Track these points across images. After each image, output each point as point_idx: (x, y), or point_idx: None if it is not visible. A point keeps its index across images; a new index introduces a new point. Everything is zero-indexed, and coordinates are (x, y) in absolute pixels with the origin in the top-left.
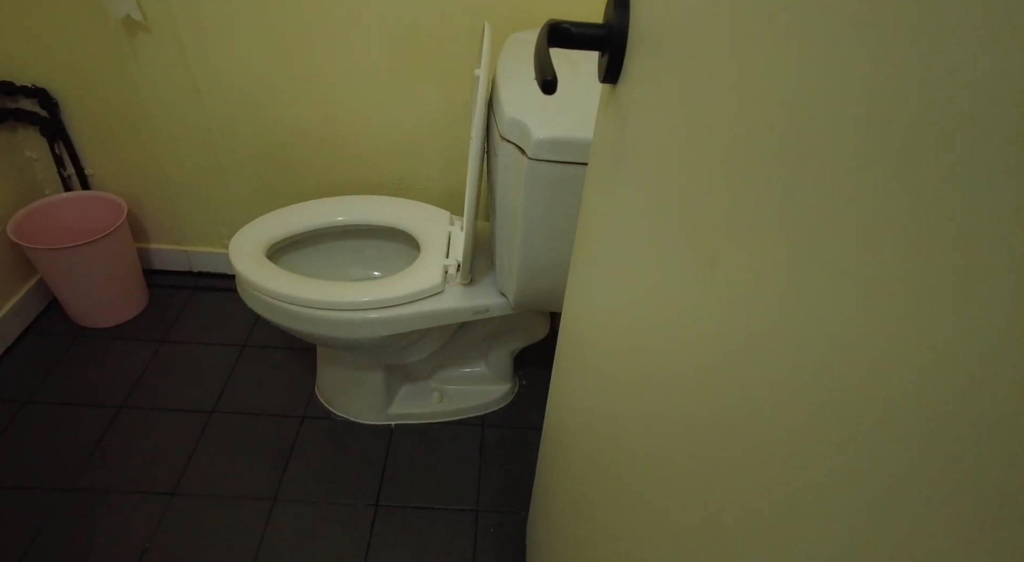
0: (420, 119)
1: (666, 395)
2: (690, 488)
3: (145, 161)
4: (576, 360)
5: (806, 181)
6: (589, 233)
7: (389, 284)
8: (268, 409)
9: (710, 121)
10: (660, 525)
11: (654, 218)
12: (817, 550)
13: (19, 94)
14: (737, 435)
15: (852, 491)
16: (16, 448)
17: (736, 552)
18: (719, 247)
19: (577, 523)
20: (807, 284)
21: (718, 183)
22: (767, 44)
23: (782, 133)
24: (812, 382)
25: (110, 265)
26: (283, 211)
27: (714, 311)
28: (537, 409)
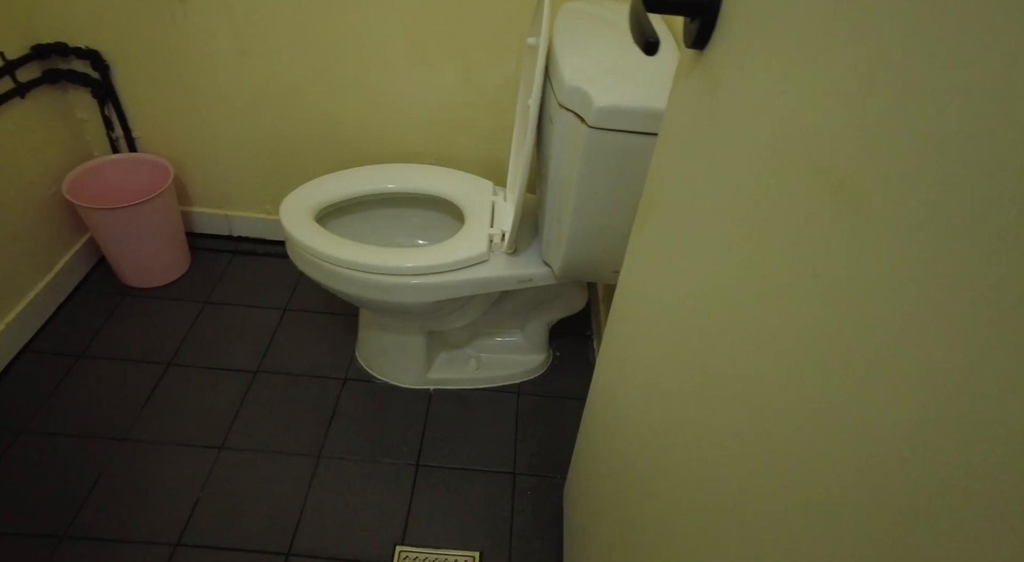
0: (462, 89)
1: (780, 358)
2: (797, 475)
3: (191, 125)
4: (637, 330)
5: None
6: (660, 201)
7: (437, 251)
8: (310, 370)
9: (848, 74)
10: (737, 506)
11: (777, 176)
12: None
13: (72, 55)
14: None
15: None
16: (74, 399)
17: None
18: (866, 191)
19: (627, 489)
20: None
21: (865, 131)
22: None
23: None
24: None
25: (156, 226)
26: (332, 176)
27: (862, 259)
28: (571, 380)
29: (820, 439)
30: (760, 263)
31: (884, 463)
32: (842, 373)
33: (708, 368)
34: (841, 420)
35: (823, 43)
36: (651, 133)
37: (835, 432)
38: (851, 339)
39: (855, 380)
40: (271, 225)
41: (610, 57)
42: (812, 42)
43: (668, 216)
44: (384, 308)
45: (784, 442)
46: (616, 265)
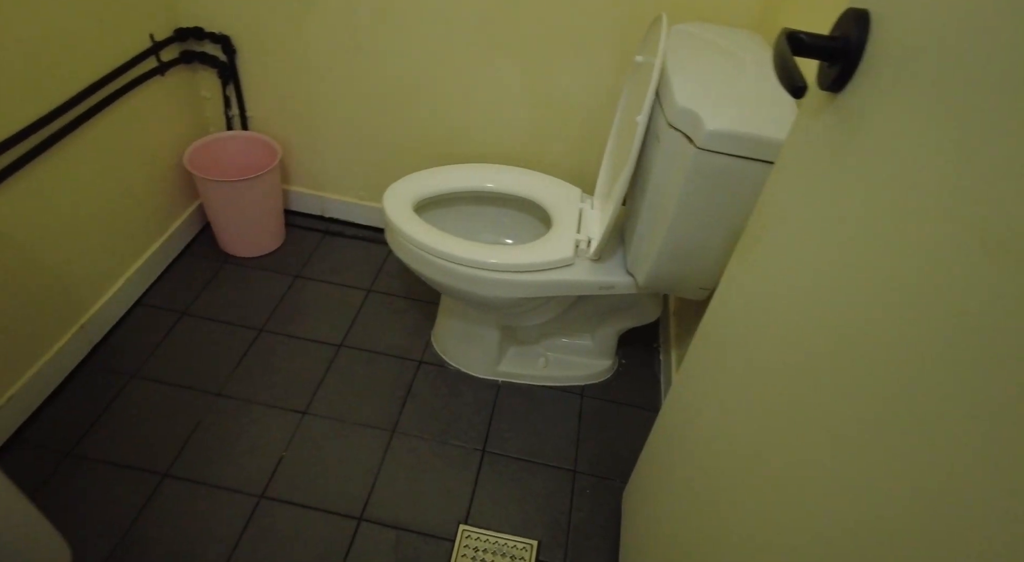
0: (557, 97)
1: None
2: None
3: (300, 110)
4: (729, 356)
5: None
6: (771, 230)
7: (526, 251)
8: (389, 350)
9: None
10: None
11: (918, 219)
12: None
13: (206, 39)
14: None
15: None
16: (177, 352)
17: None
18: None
19: (698, 514)
20: None
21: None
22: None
23: None
24: None
25: (260, 201)
26: (434, 171)
27: (1005, 308)
28: (635, 388)
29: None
30: (895, 313)
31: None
32: (978, 435)
33: (820, 409)
34: (973, 490)
35: (992, 99)
36: (758, 159)
37: (976, 496)
38: (1003, 400)
39: (991, 444)
40: (362, 210)
41: (720, 81)
42: (981, 95)
43: (781, 248)
44: (469, 299)
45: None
46: (703, 282)
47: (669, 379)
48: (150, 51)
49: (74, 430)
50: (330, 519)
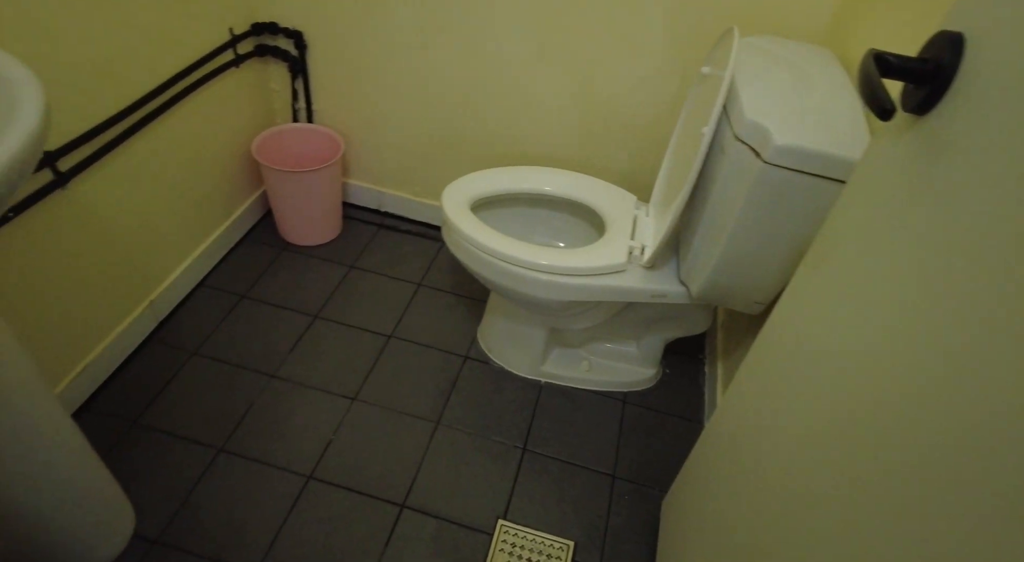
0: (617, 105)
1: None
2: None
3: (364, 106)
4: (787, 378)
5: None
6: (841, 250)
7: (580, 254)
8: (436, 343)
9: None
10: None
11: (1010, 255)
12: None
13: (280, 34)
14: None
15: None
16: (235, 333)
17: None
18: None
19: (748, 533)
20: None
21: None
22: None
23: None
24: None
25: (321, 193)
26: (492, 172)
27: None
28: (678, 399)
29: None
30: (977, 362)
31: None
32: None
33: (889, 459)
34: None
35: None
36: (826, 177)
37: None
38: None
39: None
40: (417, 206)
41: (790, 96)
42: None
43: (849, 272)
44: (519, 299)
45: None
46: (758, 296)
47: (714, 392)
48: (228, 44)
49: (139, 401)
50: (374, 504)
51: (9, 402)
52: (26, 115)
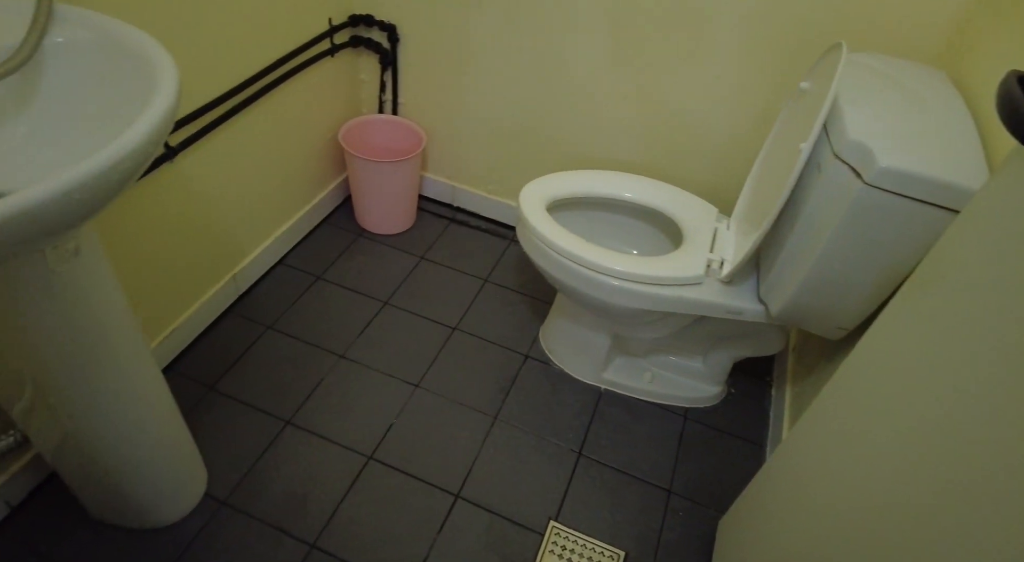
0: (702, 115)
1: None
2: None
3: (448, 102)
4: (867, 418)
5: None
6: (950, 280)
7: (656, 263)
8: (498, 340)
9: None
10: None
11: None
12: None
13: (375, 27)
14: None
15: None
16: (309, 312)
17: None
18: None
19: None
20: None
21: None
22: None
23: None
24: None
25: (400, 183)
26: (572, 174)
27: None
28: (742, 420)
29: None
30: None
31: None
32: None
33: (986, 521)
34: None
35: None
36: (932, 203)
37: None
38: None
39: None
40: (489, 203)
41: (897, 117)
42: None
43: (963, 302)
44: (589, 303)
45: None
46: (842, 321)
47: (780, 417)
48: (326, 34)
49: (216, 368)
50: (429, 491)
51: (116, 359)
52: (164, 93)
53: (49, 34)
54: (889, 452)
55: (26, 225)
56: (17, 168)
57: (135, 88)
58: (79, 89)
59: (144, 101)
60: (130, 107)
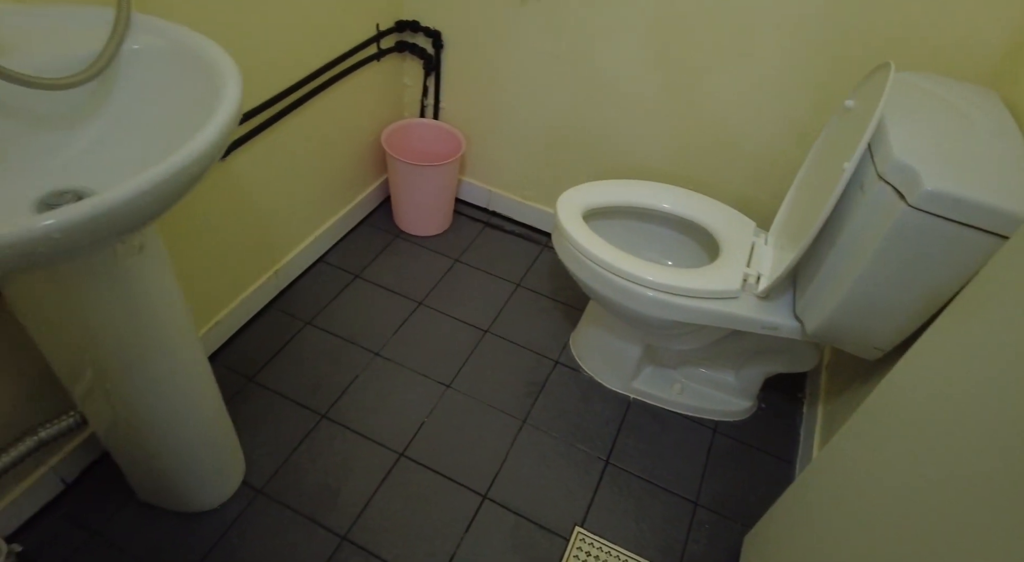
0: (740, 128)
1: None
2: None
3: (488, 107)
4: (901, 444)
5: None
6: (994, 308)
7: (691, 275)
8: (529, 344)
9: None
10: None
11: None
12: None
13: (421, 32)
14: None
15: None
16: (346, 309)
17: None
18: None
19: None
20: None
21: None
22: None
23: None
24: None
25: (439, 186)
26: (608, 183)
27: None
28: (772, 436)
29: None
30: None
31: None
32: None
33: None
34: None
35: None
36: (978, 228)
37: None
38: None
39: None
40: (524, 208)
41: (945, 139)
42: None
43: (1010, 329)
44: (622, 312)
45: None
46: (879, 342)
47: (811, 435)
48: (373, 39)
49: (257, 360)
50: (458, 490)
51: (169, 349)
52: (229, 101)
53: (126, 41)
54: (927, 478)
55: (105, 224)
56: (90, 166)
57: (201, 93)
58: (150, 93)
59: (210, 107)
60: (196, 111)
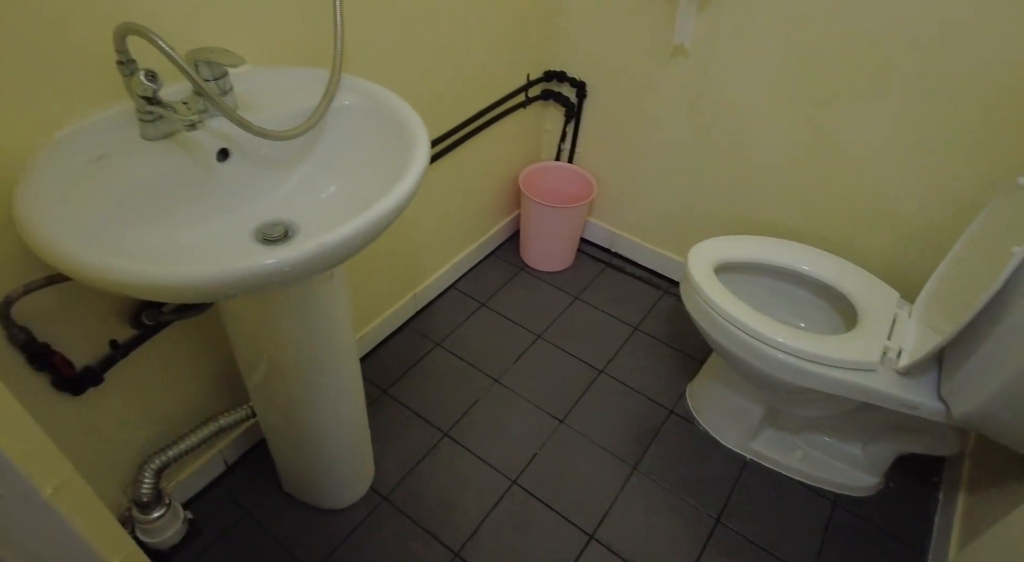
0: (889, 192)
1: None
2: None
3: (622, 154)
4: None
5: None
6: None
7: (827, 342)
8: (643, 389)
9: None
10: None
11: None
12: None
13: (566, 82)
14: None
15: None
16: (472, 335)
17: None
18: None
19: None
20: None
21: None
22: None
23: None
24: None
25: (567, 226)
26: (743, 238)
27: None
28: (899, 519)
29: None
30: None
31: None
32: None
33: None
34: None
35: None
36: None
37: None
38: None
39: None
40: (647, 252)
41: None
42: None
43: None
44: (749, 372)
45: None
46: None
47: (948, 527)
48: (523, 88)
49: (391, 374)
50: (565, 526)
51: (336, 355)
52: (419, 157)
53: (335, 99)
54: None
55: (322, 261)
56: (297, 202)
57: (393, 145)
58: (349, 142)
59: (400, 159)
60: (388, 160)
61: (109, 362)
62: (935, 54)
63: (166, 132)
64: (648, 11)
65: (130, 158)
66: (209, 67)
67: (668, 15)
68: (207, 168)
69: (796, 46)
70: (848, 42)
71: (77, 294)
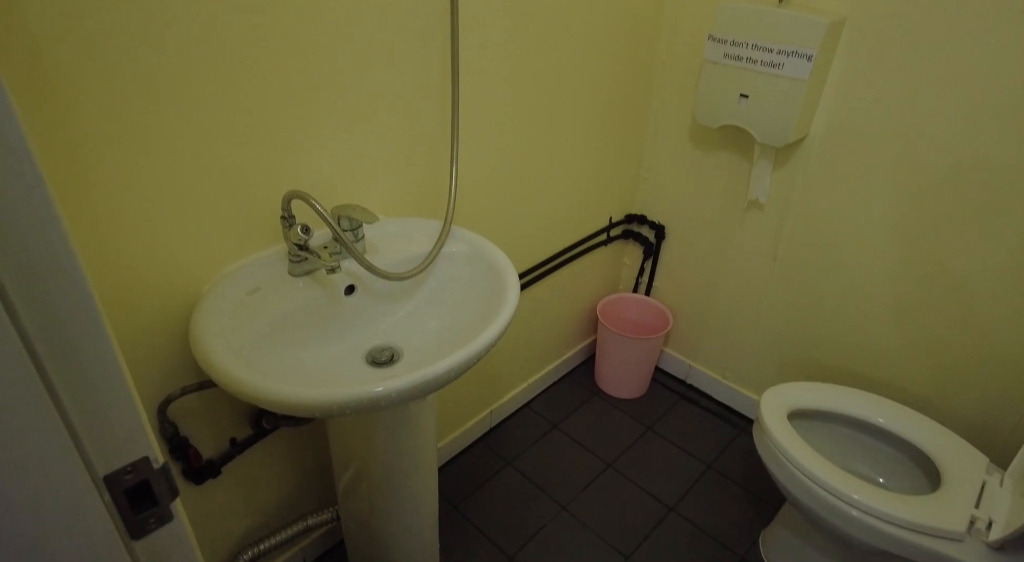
0: (983, 339)
1: None
2: None
3: (700, 292)
4: None
5: None
6: None
7: (909, 504)
8: (713, 532)
9: None
10: None
11: None
12: None
13: (646, 225)
14: None
15: None
16: (542, 457)
17: None
18: None
19: None
20: None
21: None
22: None
23: None
24: None
25: (641, 356)
26: (819, 386)
27: None
28: None
29: None
30: None
31: None
32: None
33: None
34: None
35: None
36: None
37: None
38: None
39: None
40: (722, 387)
41: None
42: None
43: None
44: (823, 527)
45: None
46: None
47: None
48: (605, 229)
49: (463, 490)
50: None
51: (419, 467)
52: (510, 303)
53: (444, 246)
54: None
55: (422, 389)
56: (403, 331)
57: (488, 288)
58: (451, 283)
59: (494, 301)
60: (483, 300)
61: (227, 457)
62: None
63: (308, 270)
64: (727, 166)
65: (278, 292)
66: (349, 221)
67: (744, 172)
68: (336, 301)
69: (890, 190)
70: (948, 176)
71: (215, 397)
